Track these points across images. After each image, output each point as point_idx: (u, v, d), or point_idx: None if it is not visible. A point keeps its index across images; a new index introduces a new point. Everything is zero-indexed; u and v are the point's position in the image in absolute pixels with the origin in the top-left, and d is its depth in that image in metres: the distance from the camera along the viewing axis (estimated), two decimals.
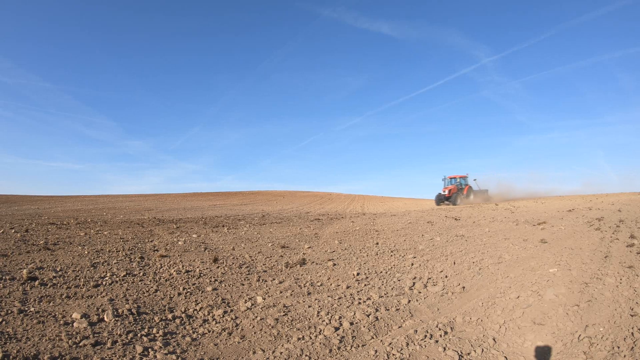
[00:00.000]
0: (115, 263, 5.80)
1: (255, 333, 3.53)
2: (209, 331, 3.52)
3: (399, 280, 5.39)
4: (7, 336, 3.02)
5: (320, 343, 3.34)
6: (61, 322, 3.38)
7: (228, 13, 75.36)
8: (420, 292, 4.85)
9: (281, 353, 3.15)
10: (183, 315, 3.83)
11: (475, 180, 32.76)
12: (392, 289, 5.00)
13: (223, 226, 11.61)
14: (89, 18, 66.29)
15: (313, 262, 6.47)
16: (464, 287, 5.03)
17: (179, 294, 4.48)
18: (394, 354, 3.20)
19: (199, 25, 75.16)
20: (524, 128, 77.11)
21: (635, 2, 56.25)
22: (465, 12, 73.76)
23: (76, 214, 17.21)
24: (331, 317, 3.93)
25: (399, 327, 3.80)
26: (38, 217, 15.07)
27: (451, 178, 32.41)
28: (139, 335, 3.30)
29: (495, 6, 72.13)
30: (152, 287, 4.63)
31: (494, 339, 3.56)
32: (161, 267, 5.77)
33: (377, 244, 8.43)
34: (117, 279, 4.92)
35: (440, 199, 30.60)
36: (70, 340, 3.03)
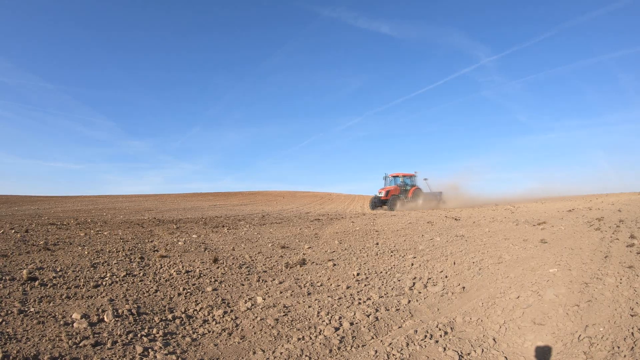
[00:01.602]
0: (115, 263, 5.80)
1: (255, 333, 3.53)
2: (209, 331, 3.52)
3: (399, 281, 5.39)
4: (7, 336, 3.02)
5: (320, 343, 3.34)
6: (61, 322, 3.38)
7: (227, 13, 75.35)
8: (420, 292, 4.85)
9: (281, 353, 3.15)
10: (183, 315, 3.83)
11: (426, 180, 26.36)
12: (392, 289, 5.00)
13: (223, 226, 11.61)
14: (88, 17, 66.28)
15: (313, 263, 6.47)
16: (464, 287, 5.03)
17: (179, 294, 4.48)
18: (394, 354, 3.20)
19: (199, 25, 75.16)
20: (524, 128, 77.10)
21: (636, 2, 56.25)
22: (465, 12, 73.77)
23: (76, 214, 17.20)
24: (331, 317, 3.93)
25: (399, 327, 3.80)
26: (38, 217, 15.07)
27: (393, 177, 25.94)
28: (139, 335, 3.30)
29: (495, 6, 72.14)
30: (152, 288, 4.63)
31: (494, 339, 3.56)
32: (161, 267, 5.77)
33: (377, 244, 8.43)
34: (117, 279, 4.92)
35: (375, 203, 24.27)
36: (70, 341, 3.02)
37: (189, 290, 4.62)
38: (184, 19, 72.96)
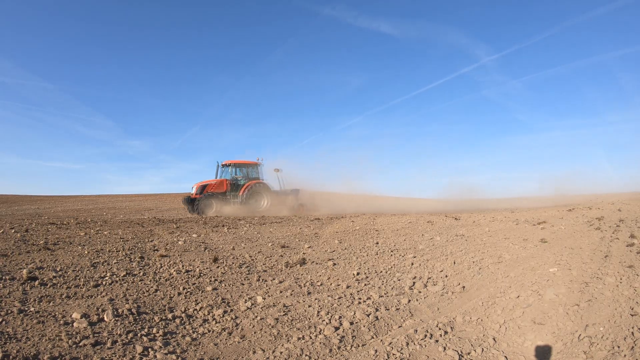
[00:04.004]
0: (115, 263, 5.80)
1: (255, 333, 3.53)
2: (209, 331, 3.52)
3: (399, 280, 5.39)
4: (7, 336, 3.02)
5: (320, 343, 3.34)
6: (61, 322, 3.38)
7: (227, 11, 75.28)
8: (420, 292, 4.85)
9: (281, 353, 3.15)
10: (183, 315, 3.82)
11: (278, 171, 18.93)
12: (392, 288, 5.00)
13: (223, 226, 11.61)
14: (87, 16, 66.23)
15: (313, 262, 6.47)
16: (464, 287, 5.03)
17: (179, 293, 4.48)
18: (394, 354, 3.20)
19: (198, 24, 75.08)
20: (524, 127, 76.97)
21: (636, 1, 56.14)
22: (465, 10, 73.52)
23: (76, 214, 17.21)
24: (331, 316, 3.93)
25: (399, 326, 3.80)
26: (38, 217, 15.07)
27: (225, 166, 18.17)
28: (139, 335, 3.30)
29: (496, 5, 71.97)
30: (152, 287, 4.63)
31: (494, 339, 3.56)
32: (161, 266, 5.77)
33: (377, 243, 8.43)
34: (117, 278, 4.91)
35: (194, 205, 16.90)
36: (70, 340, 3.02)
37: (189, 290, 4.62)
38: (183, 17, 72.94)
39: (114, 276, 5.01)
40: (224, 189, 17.56)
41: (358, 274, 5.69)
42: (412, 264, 6.35)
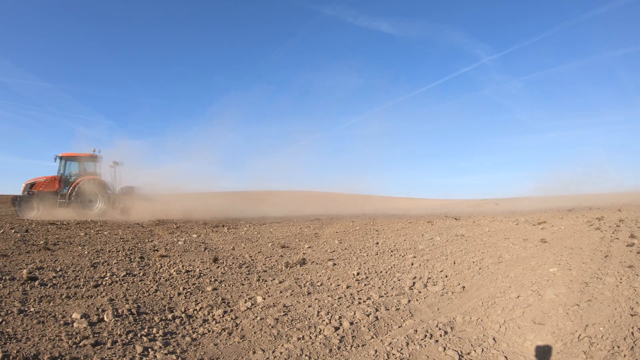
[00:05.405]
0: (115, 263, 5.80)
1: (255, 333, 3.53)
2: (209, 331, 3.52)
3: (399, 280, 5.39)
4: (7, 336, 3.02)
5: (320, 343, 3.34)
6: (61, 322, 3.38)
7: (226, 11, 75.23)
8: (420, 292, 4.85)
9: (281, 353, 3.15)
10: (183, 315, 3.83)
11: (115, 165, 16.28)
12: (392, 288, 5.00)
13: (223, 226, 11.61)
14: (87, 16, 66.21)
15: (313, 262, 6.47)
16: (464, 287, 5.03)
17: (179, 294, 4.48)
18: (394, 354, 3.20)
19: (198, 24, 75.03)
20: (524, 127, 76.90)
21: (637, 1, 56.08)
22: (465, 10, 73.45)
23: None
24: (331, 317, 3.93)
25: (399, 326, 3.80)
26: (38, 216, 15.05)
27: (60, 158, 15.35)
28: (139, 335, 3.30)
29: (496, 4, 71.88)
30: (152, 287, 4.63)
31: (494, 339, 3.56)
32: (161, 267, 5.77)
33: (377, 243, 8.43)
34: (117, 279, 4.92)
35: (22, 207, 14.59)
36: (70, 340, 3.02)
37: (189, 290, 4.62)
38: (183, 17, 72.94)
39: (114, 276, 5.01)
40: (55, 187, 14.99)
41: (358, 274, 5.69)
42: (412, 264, 6.35)
